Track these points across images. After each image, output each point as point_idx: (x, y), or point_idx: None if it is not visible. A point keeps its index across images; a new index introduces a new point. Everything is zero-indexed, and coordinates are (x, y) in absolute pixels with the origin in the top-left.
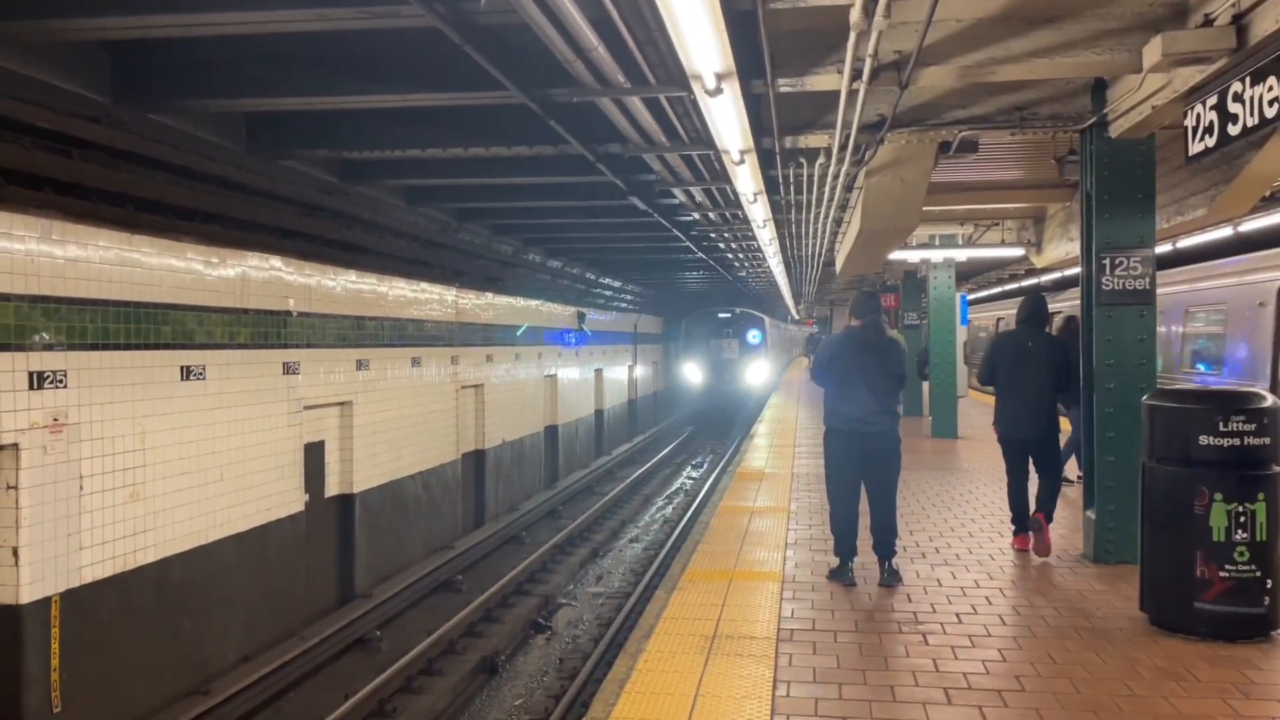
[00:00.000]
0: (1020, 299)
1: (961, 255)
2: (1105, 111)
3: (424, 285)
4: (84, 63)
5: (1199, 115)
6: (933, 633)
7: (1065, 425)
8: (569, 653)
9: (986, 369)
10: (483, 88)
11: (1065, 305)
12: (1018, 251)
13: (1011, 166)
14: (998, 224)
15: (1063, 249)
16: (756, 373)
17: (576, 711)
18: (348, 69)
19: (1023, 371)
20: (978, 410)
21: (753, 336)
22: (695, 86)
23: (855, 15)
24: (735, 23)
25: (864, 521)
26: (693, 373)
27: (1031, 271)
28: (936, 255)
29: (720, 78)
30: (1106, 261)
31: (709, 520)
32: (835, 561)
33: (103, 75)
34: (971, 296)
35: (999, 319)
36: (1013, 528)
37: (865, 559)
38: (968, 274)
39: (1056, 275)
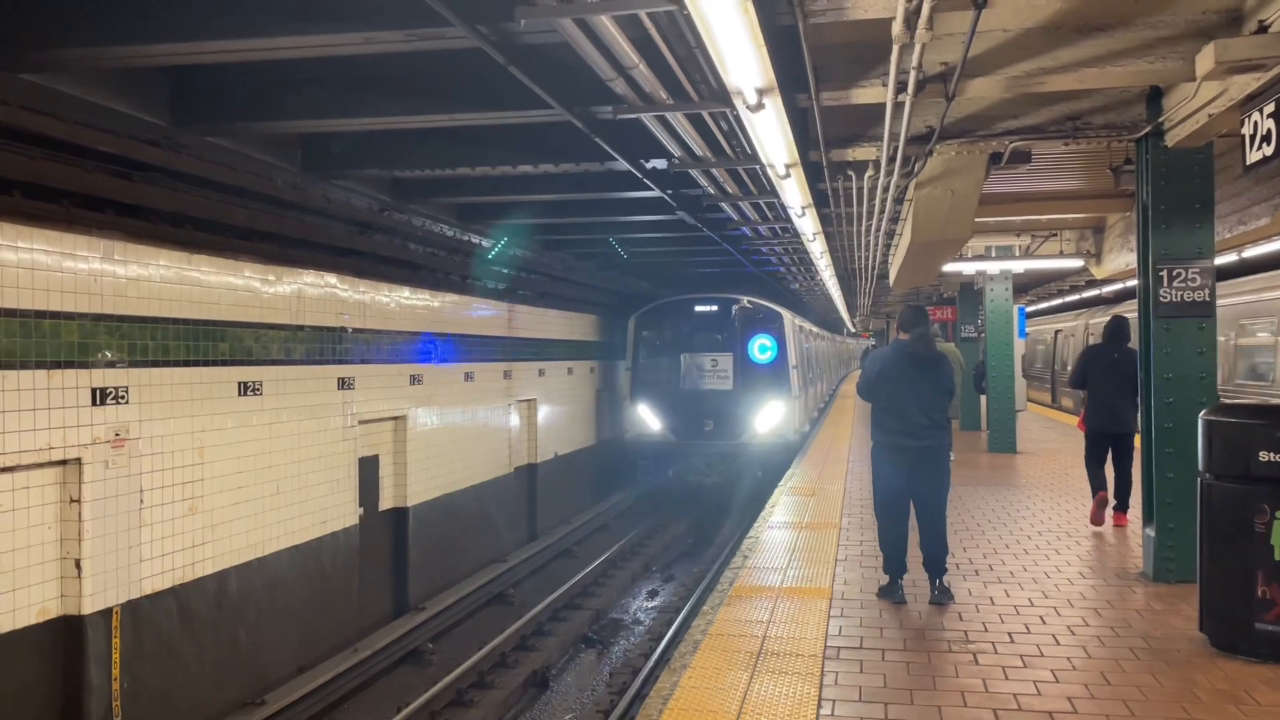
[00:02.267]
0: (1105, 318)
1: (1018, 266)
2: (1160, 120)
3: (475, 300)
4: (143, 87)
5: (1256, 123)
6: (983, 652)
7: None
8: (619, 667)
9: (1078, 375)
10: (528, 106)
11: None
12: (1076, 263)
13: (1067, 176)
14: (1056, 235)
15: (1123, 260)
16: (773, 418)
17: None
18: (397, 90)
19: (1108, 378)
20: (1039, 425)
21: (760, 348)
22: (737, 102)
23: (897, 28)
24: (776, 37)
25: (914, 538)
26: (645, 418)
27: (1092, 283)
28: (993, 267)
29: (761, 93)
30: (1164, 273)
31: (758, 534)
32: (885, 578)
33: (161, 99)
34: (1030, 308)
35: (1057, 331)
36: (1095, 510)
37: (916, 576)
38: (1026, 285)
39: (1119, 286)
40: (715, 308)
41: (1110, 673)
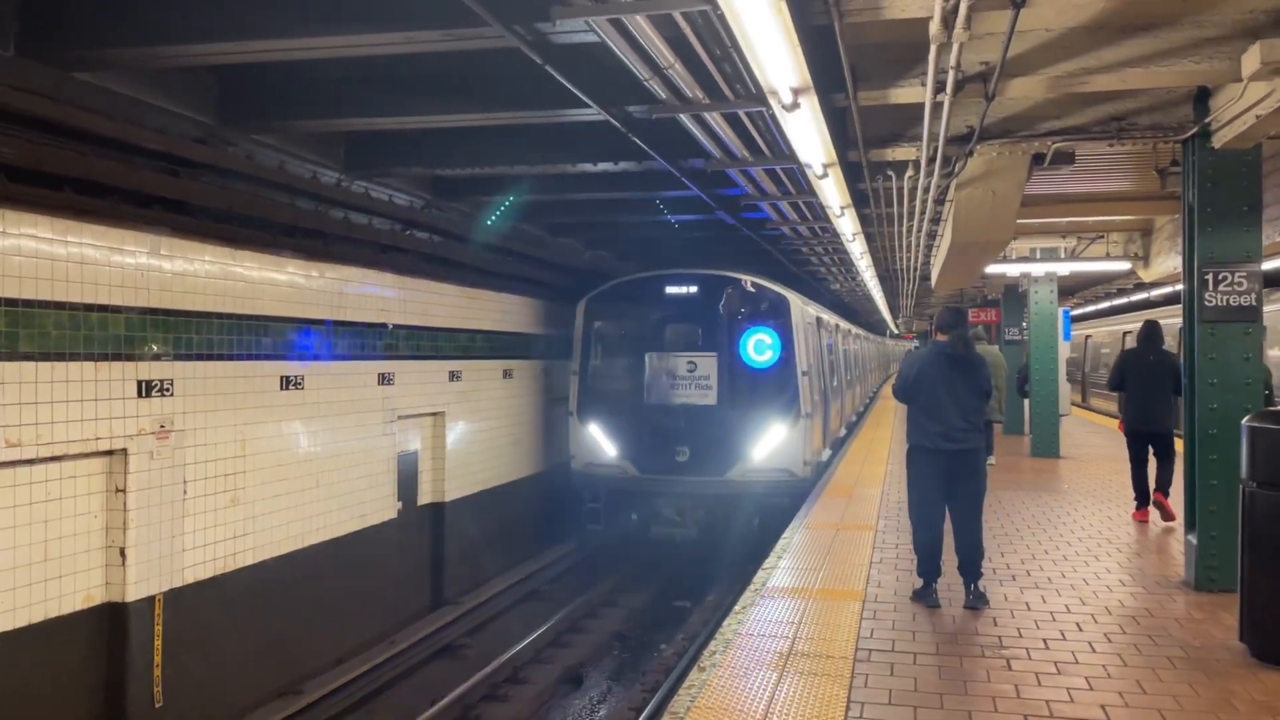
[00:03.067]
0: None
1: (1063, 269)
2: (1207, 121)
3: (515, 299)
4: (191, 86)
5: None
6: (1017, 658)
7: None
8: (652, 666)
9: (1117, 377)
10: (565, 105)
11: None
12: (1123, 265)
13: (1113, 178)
14: (1102, 237)
15: (1171, 263)
16: (774, 445)
17: None
18: (438, 89)
19: (1146, 380)
20: (1083, 429)
21: (758, 347)
22: (772, 101)
23: (934, 28)
24: (811, 37)
25: (949, 542)
26: (595, 443)
27: (1140, 286)
28: (1037, 269)
29: (797, 92)
30: (1209, 277)
31: (793, 537)
32: (919, 582)
33: (209, 98)
34: (1075, 312)
35: (1087, 337)
36: (1135, 505)
37: (951, 580)
38: (1072, 288)
39: (1168, 289)
40: (694, 289)
41: (1146, 681)
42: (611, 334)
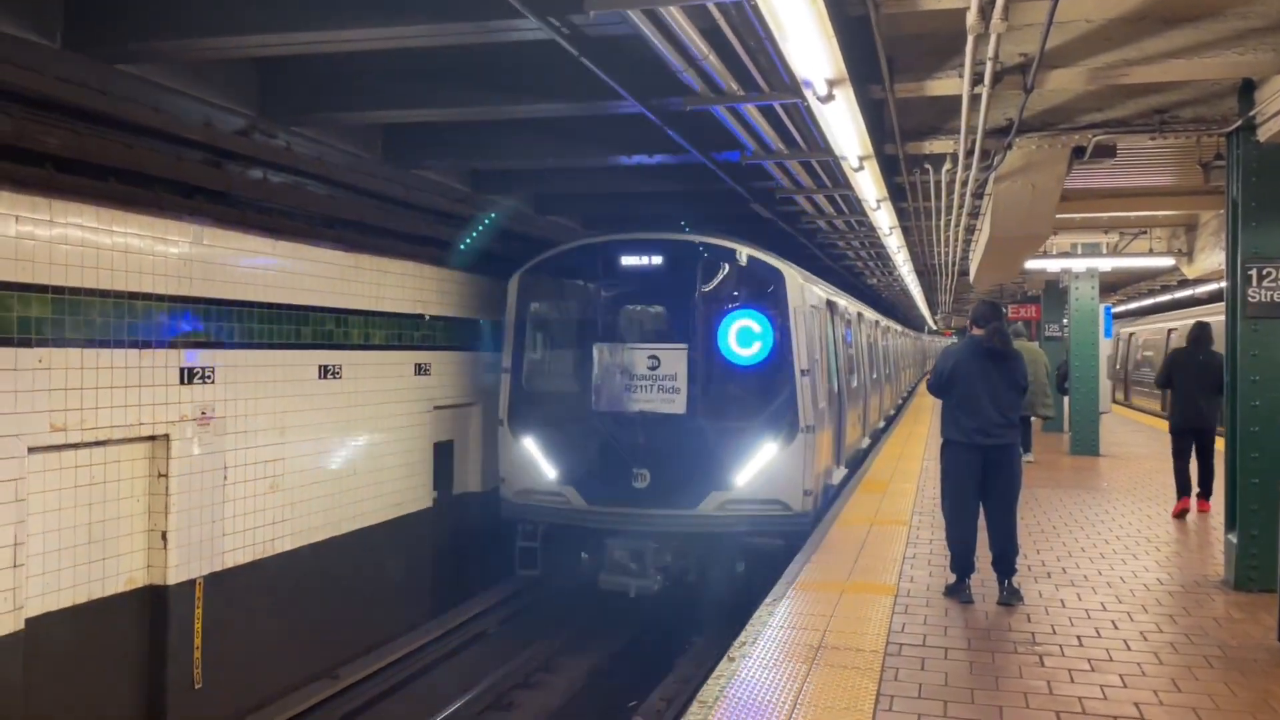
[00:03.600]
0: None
1: (1105, 264)
2: (1252, 114)
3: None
4: (232, 79)
5: None
6: (1050, 654)
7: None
8: (686, 658)
9: (1164, 376)
10: (601, 97)
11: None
12: (1166, 261)
13: (1156, 172)
14: (1145, 232)
15: (1216, 259)
16: (763, 468)
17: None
18: (474, 82)
19: (1191, 379)
20: (1125, 427)
21: (742, 337)
22: (806, 93)
23: (971, 18)
24: (847, 28)
25: (983, 538)
26: (531, 463)
27: (1184, 283)
28: (1078, 264)
29: (831, 84)
30: (1253, 272)
31: (825, 533)
32: (952, 577)
33: (251, 90)
34: (1118, 310)
35: (1130, 334)
36: (1176, 498)
37: (985, 576)
38: (1115, 284)
39: (1213, 286)
40: (658, 259)
41: (1182, 680)
42: (553, 319)
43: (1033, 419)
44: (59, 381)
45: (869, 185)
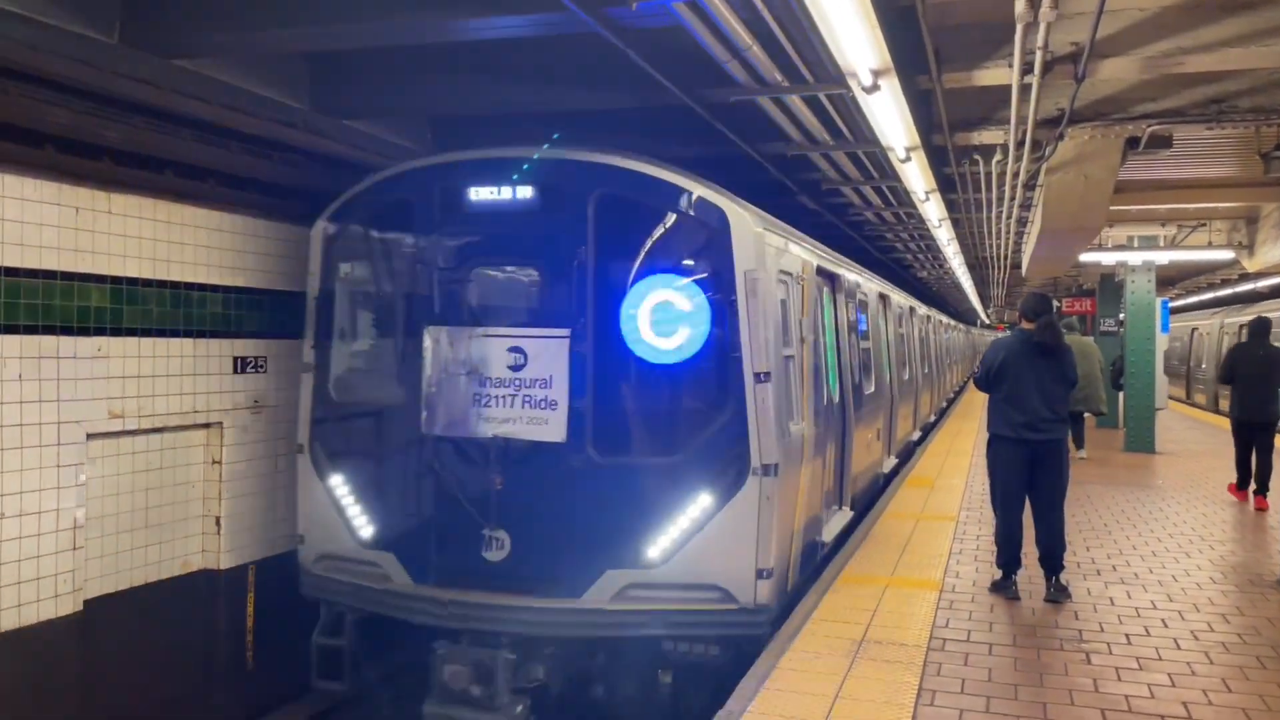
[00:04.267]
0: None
1: (1162, 258)
2: None
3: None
4: (284, 72)
5: None
6: (1097, 652)
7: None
8: None
9: (1226, 371)
10: (645, 90)
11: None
12: (1226, 254)
13: (1215, 163)
14: (1204, 224)
15: (1278, 252)
16: (694, 531)
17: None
18: (525, 75)
19: (1256, 372)
20: (1181, 424)
21: (659, 321)
22: (852, 84)
23: (1020, 6)
24: (893, 17)
25: (1030, 534)
26: (336, 512)
27: (1245, 276)
28: (1134, 257)
29: (877, 74)
30: None
31: (870, 527)
32: (998, 573)
33: (302, 83)
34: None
35: (1194, 330)
36: (1235, 484)
37: (1033, 573)
38: (1172, 278)
39: (1276, 280)
40: (529, 192)
41: (1233, 680)
42: (372, 289)
43: (1086, 415)
44: (116, 370)
45: (917, 177)
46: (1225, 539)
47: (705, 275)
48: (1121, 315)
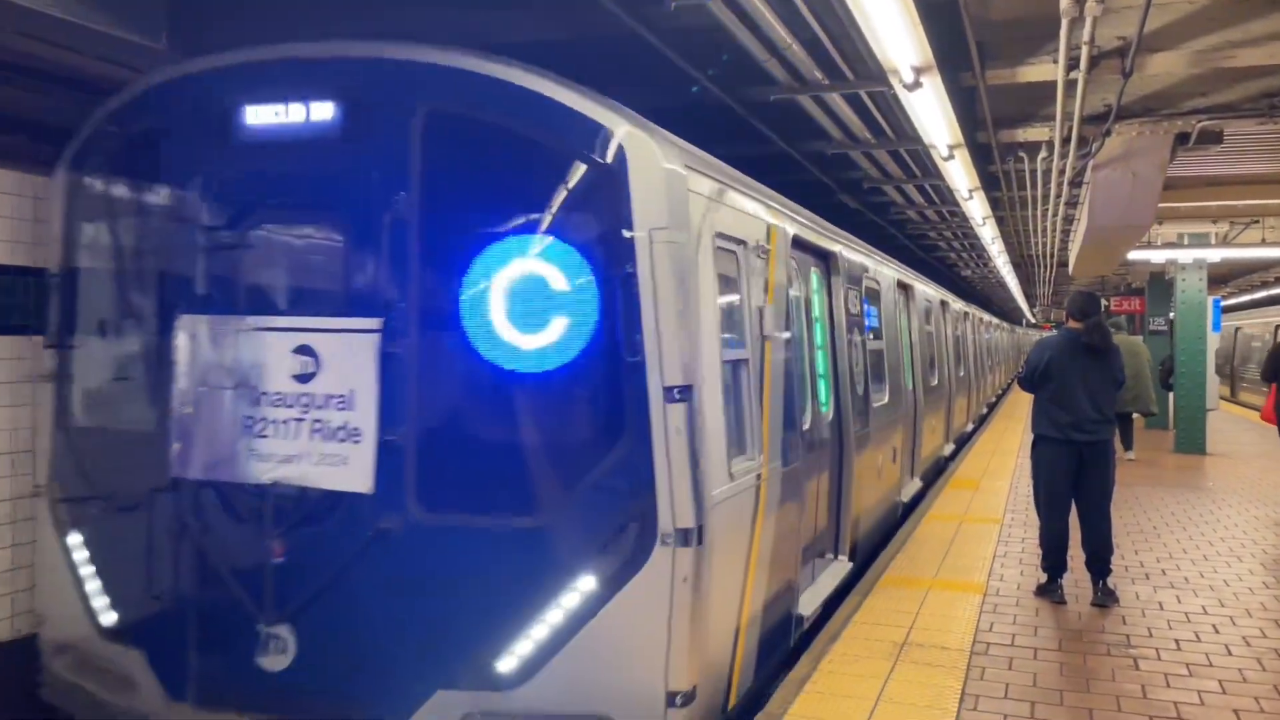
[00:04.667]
0: None
1: (1214, 256)
2: None
3: None
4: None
5: None
6: (1145, 658)
7: None
8: None
9: (1271, 369)
10: (682, 88)
11: None
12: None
13: (1268, 159)
14: (1258, 222)
15: None
16: (573, 635)
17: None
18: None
19: None
20: (1233, 425)
21: (516, 308)
22: (893, 81)
23: (1065, 1)
24: (934, 14)
25: (1076, 537)
26: (79, 581)
27: None
28: (1185, 255)
29: (919, 71)
30: None
31: (912, 530)
32: (1044, 576)
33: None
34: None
35: (1237, 329)
36: None
37: (1079, 576)
38: (1224, 276)
39: None
40: (328, 108)
41: None
42: (123, 261)
43: (1135, 415)
44: None
45: (960, 174)
46: (1279, 543)
47: (592, 236)
48: (1171, 314)
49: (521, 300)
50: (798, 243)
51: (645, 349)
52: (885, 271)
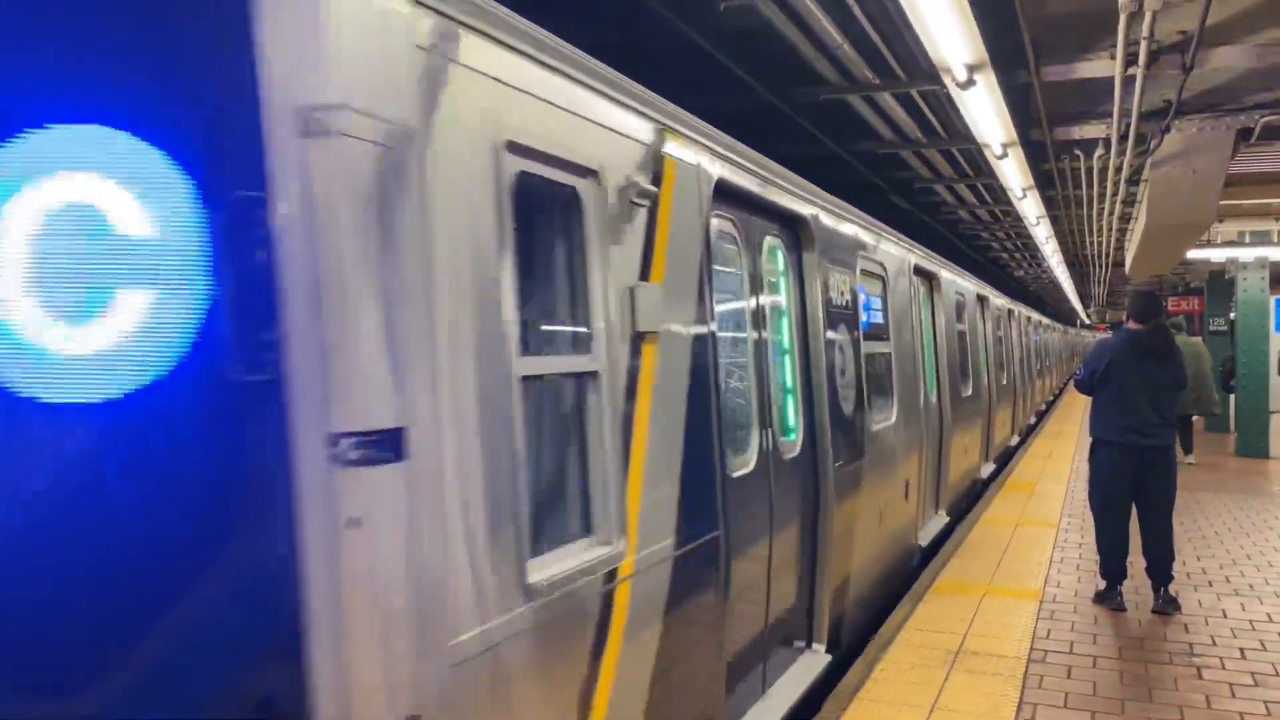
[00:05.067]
0: None
1: (1276, 254)
2: None
3: None
4: None
5: None
6: (1209, 667)
7: None
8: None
9: None
10: (729, 89)
11: None
12: None
13: None
14: None
15: None
16: None
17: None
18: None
19: None
20: None
21: (89, 256)
22: (946, 79)
23: None
24: (988, 11)
25: (1136, 543)
26: None
27: None
28: (1246, 254)
29: (972, 69)
30: None
31: (964, 535)
32: (1102, 583)
33: None
34: None
35: None
36: None
37: (1139, 583)
38: None
39: None
40: None
41: None
42: None
43: (1195, 418)
44: None
45: (1013, 173)
46: None
47: (188, 123)
48: (1231, 314)
49: (59, 260)
50: (733, 195)
51: (285, 357)
52: (893, 253)
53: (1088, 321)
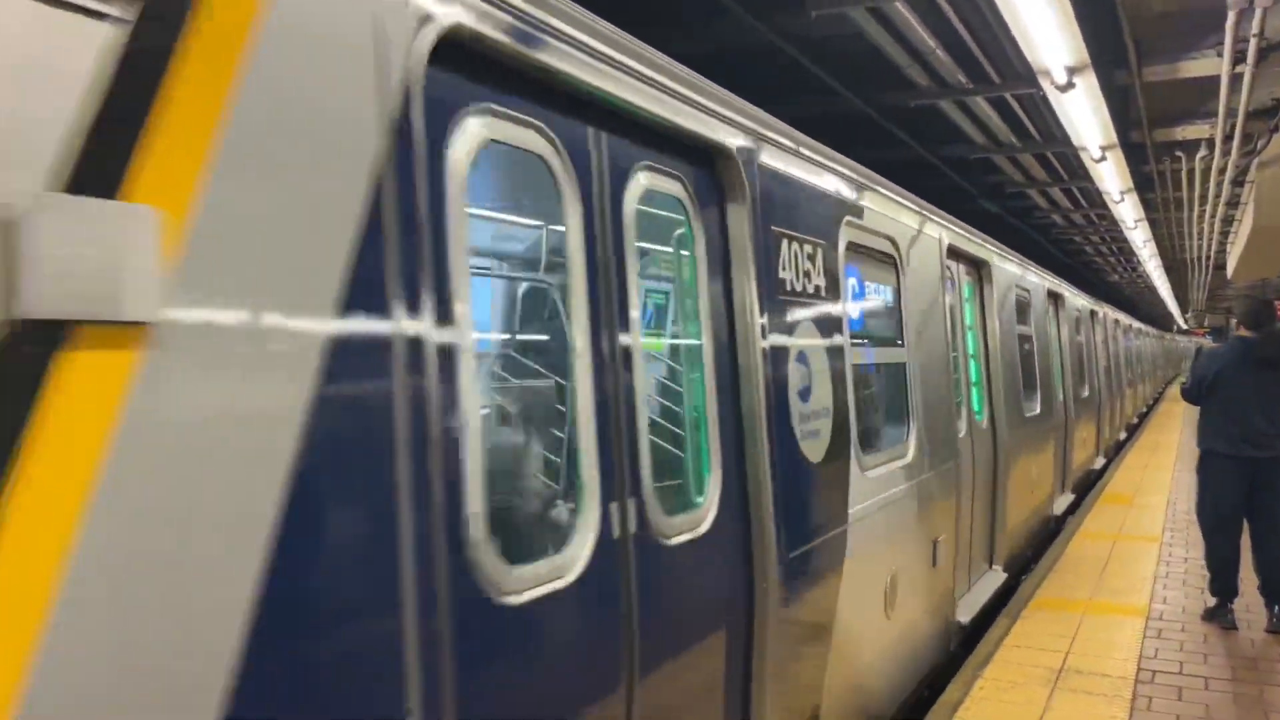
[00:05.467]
0: None
1: None
2: None
3: None
4: None
5: None
6: None
7: None
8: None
9: None
10: (816, 96)
11: None
12: None
13: None
14: None
15: None
16: None
17: None
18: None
19: None
20: None
21: None
22: (1043, 82)
23: None
24: (1089, 11)
25: (1247, 558)
26: None
27: None
28: None
29: (1072, 71)
30: None
31: (1061, 549)
32: (1212, 600)
33: None
34: None
35: None
36: None
37: (1250, 600)
38: None
39: None
40: None
41: None
42: None
43: None
44: None
45: (1112, 176)
46: None
47: None
48: None
49: None
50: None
51: None
52: (907, 223)
53: (1184, 326)
